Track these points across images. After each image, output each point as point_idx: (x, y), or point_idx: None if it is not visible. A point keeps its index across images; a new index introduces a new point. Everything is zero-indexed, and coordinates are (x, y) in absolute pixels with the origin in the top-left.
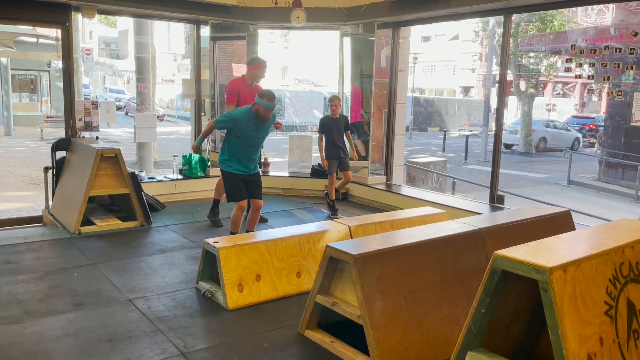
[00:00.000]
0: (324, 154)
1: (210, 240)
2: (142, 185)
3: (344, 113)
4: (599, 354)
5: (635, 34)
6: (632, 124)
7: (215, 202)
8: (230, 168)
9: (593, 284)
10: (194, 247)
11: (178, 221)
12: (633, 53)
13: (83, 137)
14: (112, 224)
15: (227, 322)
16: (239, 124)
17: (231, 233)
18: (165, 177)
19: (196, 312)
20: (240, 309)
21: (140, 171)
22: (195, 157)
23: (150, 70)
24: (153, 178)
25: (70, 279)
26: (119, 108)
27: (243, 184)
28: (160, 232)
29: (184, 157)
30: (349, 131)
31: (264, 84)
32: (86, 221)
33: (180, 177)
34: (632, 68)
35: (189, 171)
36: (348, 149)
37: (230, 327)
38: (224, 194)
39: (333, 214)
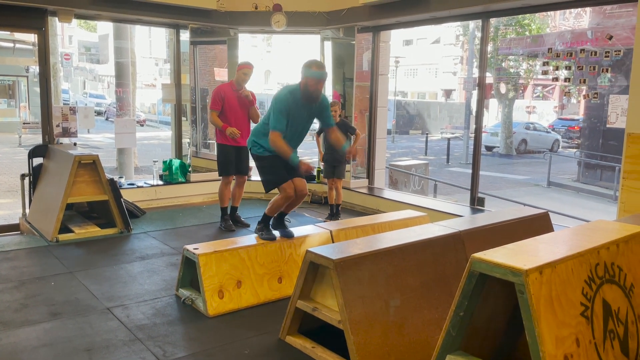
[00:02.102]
0: (322, 151)
1: (190, 247)
2: (122, 191)
3: None
4: (576, 354)
5: (610, 37)
6: (608, 125)
7: (223, 210)
8: (267, 152)
9: (569, 285)
10: (174, 254)
11: (158, 228)
12: (608, 56)
13: (61, 143)
14: (91, 231)
15: (208, 330)
16: (291, 108)
17: (267, 216)
18: (145, 183)
19: (176, 319)
20: (221, 316)
21: (120, 177)
22: (176, 162)
23: (131, 75)
24: (133, 184)
25: (47, 288)
26: (99, 113)
27: (284, 166)
28: (140, 238)
29: (164, 162)
30: (355, 132)
31: (249, 86)
32: (64, 229)
33: (160, 182)
34: (607, 71)
35: (169, 177)
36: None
37: (211, 335)
38: (227, 201)
39: (328, 217)
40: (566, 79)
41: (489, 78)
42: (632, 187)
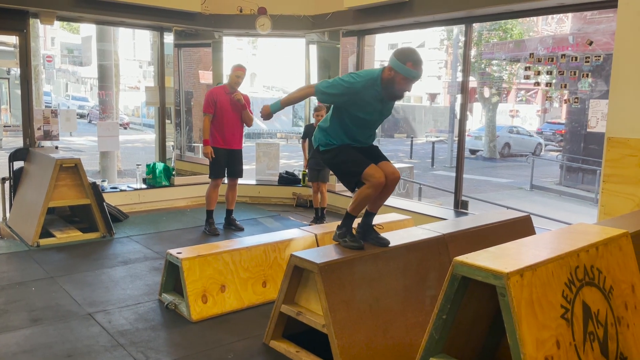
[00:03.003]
0: (307, 161)
1: (173, 251)
2: (104, 195)
3: (311, 121)
4: (556, 356)
5: (590, 43)
6: (588, 130)
7: (209, 213)
8: (339, 141)
9: (549, 288)
10: (157, 258)
11: (141, 232)
12: (588, 61)
13: (42, 146)
14: (73, 235)
15: (191, 334)
16: (359, 97)
17: (350, 216)
18: (128, 186)
19: (159, 324)
20: (205, 321)
21: (103, 181)
22: (160, 165)
23: (114, 78)
24: (116, 188)
25: (27, 294)
26: (82, 116)
27: (361, 152)
28: (123, 243)
29: (147, 166)
30: None
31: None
32: (45, 233)
33: (144, 186)
34: (587, 76)
35: (153, 180)
36: None
37: (194, 339)
38: (214, 204)
39: (313, 220)
40: (548, 84)
41: (473, 82)
42: (612, 190)
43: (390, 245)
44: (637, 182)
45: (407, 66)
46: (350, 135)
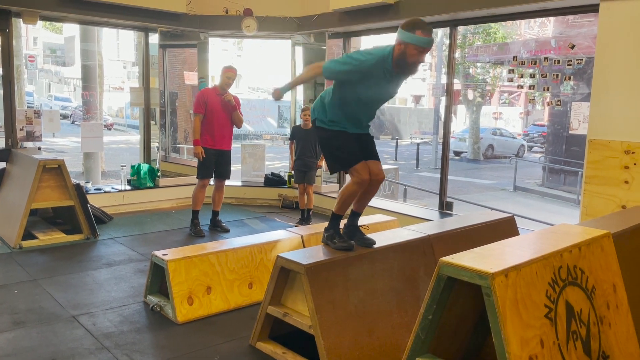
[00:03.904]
0: (293, 162)
1: (159, 253)
2: (88, 196)
3: (297, 122)
4: (540, 355)
5: (572, 46)
6: (570, 132)
7: (194, 214)
8: (337, 126)
9: (533, 287)
10: (142, 260)
11: (126, 233)
12: (570, 64)
13: (25, 147)
14: (56, 237)
15: (177, 337)
16: (369, 74)
17: (336, 216)
18: (112, 188)
19: (144, 327)
20: (190, 323)
21: (86, 182)
22: (145, 167)
23: (98, 78)
24: (100, 189)
25: (9, 297)
26: (65, 117)
27: (357, 143)
28: (107, 245)
29: (132, 167)
30: None
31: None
32: (28, 235)
33: (128, 187)
34: (569, 79)
35: (137, 181)
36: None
37: (180, 342)
38: (200, 204)
39: (299, 222)
40: (531, 87)
41: (457, 84)
42: (593, 191)
43: (375, 246)
44: (619, 184)
45: (417, 35)
46: (350, 115)
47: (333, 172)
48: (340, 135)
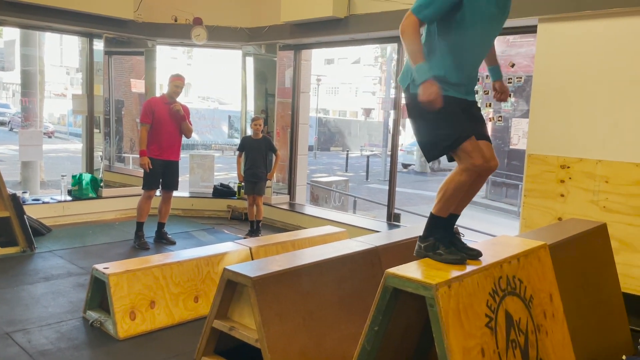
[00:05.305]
0: (241, 173)
1: (100, 266)
2: (26, 207)
3: (248, 132)
4: None
5: (512, 65)
6: (511, 147)
7: (139, 225)
8: (447, 91)
9: (475, 298)
10: (82, 274)
11: (65, 246)
12: (511, 82)
13: None
14: None
15: (118, 353)
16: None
17: (437, 219)
18: (52, 198)
19: (83, 344)
20: (133, 338)
21: (24, 192)
22: (87, 176)
23: (38, 84)
24: (38, 200)
25: None
26: (3, 123)
27: (465, 113)
28: (45, 258)
29: (73, 177)
30: (277, 152)
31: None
32: None
33: (69, 198)
34: (510, 96)
35: (79, 192)
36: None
37: (121, 358)
38: (146, 216)
39: (248, 234)
40: None
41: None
42: (532, 204)
43: (324, 257)
44: (555, 197)
45: None
46: (461, 63)
47: (433, 157)
48: (448, 101)
